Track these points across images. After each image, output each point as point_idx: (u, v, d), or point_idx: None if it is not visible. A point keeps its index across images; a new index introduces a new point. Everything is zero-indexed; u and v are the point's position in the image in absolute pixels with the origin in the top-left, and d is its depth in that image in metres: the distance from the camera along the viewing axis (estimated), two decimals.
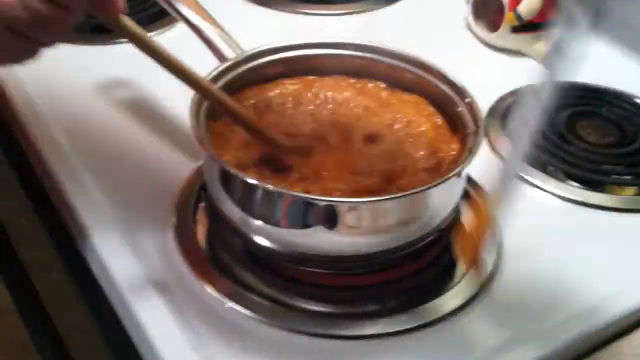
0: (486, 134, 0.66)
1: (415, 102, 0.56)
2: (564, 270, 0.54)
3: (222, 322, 0.49)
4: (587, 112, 0.70)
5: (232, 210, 0.49)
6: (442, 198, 0.49)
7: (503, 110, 0.70)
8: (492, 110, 0.70)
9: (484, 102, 0.71)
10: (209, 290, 0.50)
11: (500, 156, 0.64)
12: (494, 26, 0.81)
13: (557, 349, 0.48)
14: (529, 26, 0.79)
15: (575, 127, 0.68)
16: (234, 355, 0.47)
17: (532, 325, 0.49)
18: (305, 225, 0.46)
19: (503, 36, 0.80)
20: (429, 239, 0.50)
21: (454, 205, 0.51)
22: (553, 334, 0.49)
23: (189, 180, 0.59)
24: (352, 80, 0.59)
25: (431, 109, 0.56)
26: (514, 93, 0.73)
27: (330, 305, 0.50)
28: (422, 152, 0.53)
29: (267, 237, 0.49)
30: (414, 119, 0.55)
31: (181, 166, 0.60)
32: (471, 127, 0.51)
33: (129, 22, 0.45)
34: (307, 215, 0.46)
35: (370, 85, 0.58)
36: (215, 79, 0.53)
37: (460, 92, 0.54)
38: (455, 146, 0.52)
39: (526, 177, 0.62)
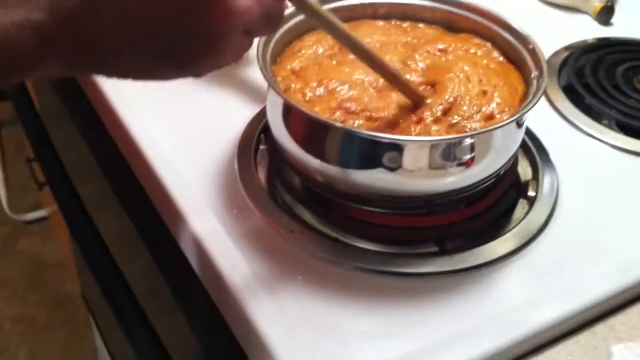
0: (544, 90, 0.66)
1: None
2: (614, 223, 0.54)
3: (285, 258, 0.50)
4: None
5: (293, 148, 0.51)
6: (506, 140, 0.49)
7: (558, 64, 0.70)
8: (547, 65, 0.70)
9: None
10: (273, 227, 0.52)
11: (556, 109, 0.64)
12: None
13: (587, 305, 0.48)
14: None
15: (632, 80, 0.68)
16: (297, 290, 0.48)
17: (567, 281, 0.49)
18: (367, 164, 0.48)
19: None
20: (487, 183, 0.51)
21: (515, 149, 0.51)
22: (584, 290, 0.49)
23: (249, 126, 0.60)
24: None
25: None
26: (568, 48, 0.73)
27: (386, 245, 0.52)
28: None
29: (328, 176, 0.50)
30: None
31: (240, 113, 0.62)
32: (534, 71, 0.51)
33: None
34: (369, 153, 0.47)
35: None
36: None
37: (523, 38, 0.54)
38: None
39: (583, 127, 0.62)
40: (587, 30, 0.78)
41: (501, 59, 0.55)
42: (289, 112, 0.51)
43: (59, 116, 0.84)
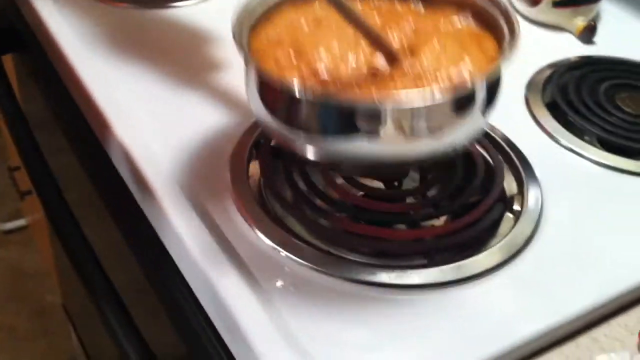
0: (527, 106, 0.68)
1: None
2: (597, 236, 0.55)
3: (278, 269, 0.51)
4: (626, 85, 0.72)
5: (270, 120, 0.52)
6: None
7: (542, 82, 0.72)
8: (531, 83, 0.72)
9: (523, 74, 0.73)
10: (265, 239, 0.52)
11: (540, 125, 0.66)
12: (533, 0, 0.83)
13: (571, 317, 0.49)
14: (569, 1, 0.81)
15: (614, 98, 0.70)
16: (289, 299, 0.49)
17: (551, 293, 0.50)
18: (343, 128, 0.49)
19: (543, 11, 0.82)
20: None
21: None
22: (568, 302, 0.50)
23: (241, 139, 0.61)
24: None
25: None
26: (551, 66, 0.75)
27: (376, 258, 0.53)
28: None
29: (308, 145, 0.51)
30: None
31: (234, 126, 0.63)
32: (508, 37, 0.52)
33: None
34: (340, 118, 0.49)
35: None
36: None
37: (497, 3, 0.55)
38: None
39: (566, 143, 0.63)
40: (570, 48, 0.79)
41: (477, 27, 0.56)
42: (262, 81, 0.52)
43: (47, 124, 0.84)
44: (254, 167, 0.59)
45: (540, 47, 0.80)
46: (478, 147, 0.60)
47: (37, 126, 0.83)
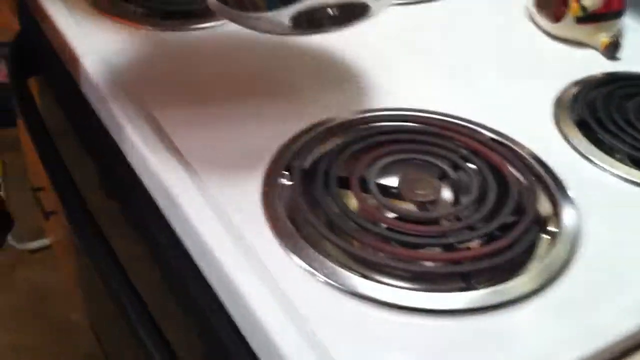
0: (556, 124, 0.68)
1: None
2: (636, 256, 0.55)
3: (311, 291, 0.51)
4: None
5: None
6: None
7: (569, 100, 0.72)
8: (558, 101, 0.72)
9: (549, 92, 0.73)
10: (298, 260, 0.52)
11: (571, 144, 0.66)
12: (556, 16, 0.83)
13: (610, 343, 0.49)
14: (592, 17, 0.81)
15: None
16: (326, 324, 0.49)
17: (591, 318, 0.50)
18: None
19: (566, 27, 0.82)
20: None
21: None
22: (607, 327, 0.49)
23: (274, 159, 0.61)
24: None
25: None
26: (577, 83, 0.75)
27: (411, 282, 0.53)
28: None
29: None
30: None
31: (265, 146, 0.63)
32: None
33: None
34: None
35: None
36: None
37: None
38: None
39: (597, 162, 0.63)
40: (594, 64, 0.79)
41: None
42: None
43: (71, 146, 0.85)
44: (286, 188, 0.59)
45: (565, 63, 0.80)
46: (510, 168, 0.60)
47: (63, 146, 0.84)
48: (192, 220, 0.56)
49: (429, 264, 0.54)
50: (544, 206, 0.58)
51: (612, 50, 0.80)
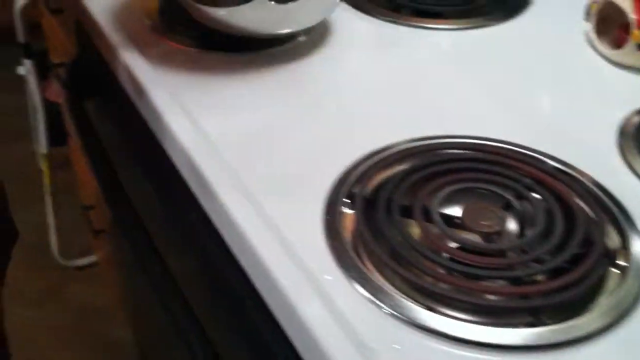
0: (622, 154, 0.67)
1: None
2: None
3: (375, 321, 0.50)
4: None
5: None
6: None
7: (634, 129, 0.70)
8: (622, 130, 0.70)
9: (612, 120, 0.72)
10: (361, 290, 0.52)
11: (638, 175, 0.64)
12: (617, 43, 0.82)
13: None
14: None
15: None
16: (390, 354, 0.48)
17: None
18: None
19: (628, 53, 0.80)
20: None
21: None
22: None
23: (335, 187, 0.61)
24: None
25: None
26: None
27: (477, 315, 0.52)
28: None
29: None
30: None
31: (327, 173, 0.63)
32: None
33: None
34: None
35: None
36: None
37: None
38: None
39: None
40: None
41: None
42: None
43: (126, 164, 0.86)
44: (348, 217, 0.59)
45: (627, 91, 0.79)
46: (577, 200, 0.59)
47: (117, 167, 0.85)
48: (254, 248, 0.56)
49: (494, 297, 0.53)
50: (613, 239, 0.57)
51: None
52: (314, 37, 0.84)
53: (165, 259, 0.72)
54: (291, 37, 0.83)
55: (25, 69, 1.58)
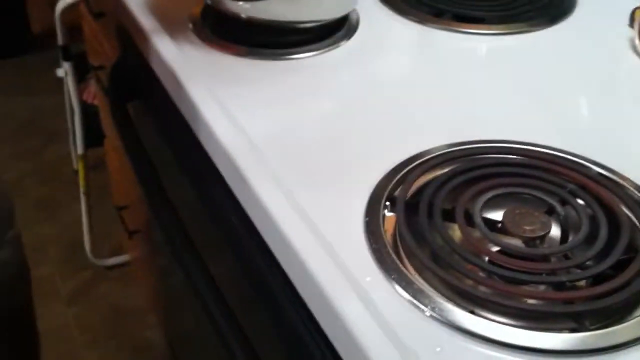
0: None
1: None
2: None
3: (417, 323, 0.50)
4: None
5: None
6: None
7: None
8: None
9: None
10: (402, 292, 0.52)
11: None
12: None
13: None
14: None
15: None
16: (430, 356, 0.48)
17: None
18: None
19: None
20: None
21: None
22: None
23: (375, 191, 0.61)
24: None
25: None
26: None
27: (520, 320, 0.51)
28: None
29: None
30: None
31: (368, 176, 0.63)
32: None
33: None
34: None
35: None
36: None
37: None
38: None
39: None
40: None
41: None
42: None
43: (168, 165, 0.87)
44: (389, 219, 0.59)
45: None
46: (621, 206, 0.59)
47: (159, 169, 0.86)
48: (295, 248, 0.56)
49: (536, 301, 0.52)
50: None
51: None
52: (354, 41, 0.85)
53: (204, 259, 0.73)
54: (332, 40, 0.83)
55: (64, 71, 1.61)
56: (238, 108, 0.72)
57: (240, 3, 0.78)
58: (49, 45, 2.15)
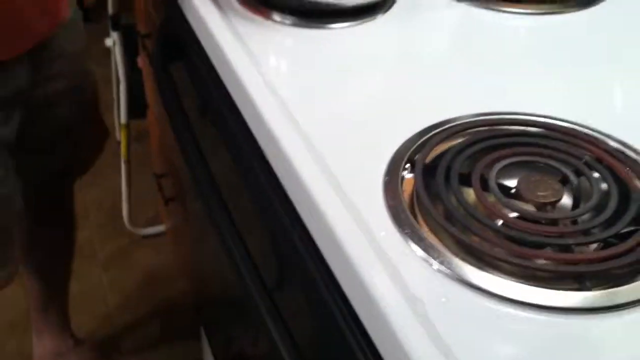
0: None
1: None
2: None
3: (429, 280, 0.53)
4: None
5: None
6: None
7: None
8: None
9: None
10: (417, 249, 0.55)
11: None
12: None
13: None
14: None
15: None
16: (441, 310, 0.51)
17: None
18: None
19: None
20: None
21: None
22: None
23: (396, 154, 0.64)
24: None
25: None
26: None
27: (528, 280, 0.53)
28: None
29: None
30: None
31: (395, 134, 0.66)
32: None
33: None
34: None
35: None
36: None
37: None
38: None
39: None
40: None
41: None
42: None
43: (206, 129, 0.90)
44: (408, 180, 0.61)
45: None
46: (636, 181, 0.60)
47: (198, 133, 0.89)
48: (318, 204, 0.59)
49: (542, 262, 0.54)
50: None
51: None
52: (391, 14, 0.87)
53: (238, 226, 0.76)
54: (371, 14, 0.86)
55: (112, 40, 1.66)
56: (275, 72, 0.75)
57: None
58: (99, 17, 2.21)
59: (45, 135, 1.09)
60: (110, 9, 1.60)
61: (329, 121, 0.69)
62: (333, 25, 0.84)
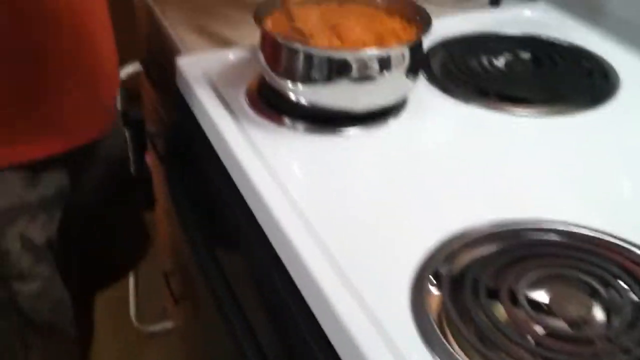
0: None
1: None
2: None
3: None
4: None
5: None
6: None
7: None
8: None
9: None
10: None
11: None
12: None
13: None
14: None
15: None
16: None
17: None
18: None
19: None
20: None
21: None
22: None
23: (422, 266, 0.63)
24: None
25: None
26: None
27: None
28: None
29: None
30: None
31: (416, 246, 0.65)
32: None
33: None
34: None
35: None
36: None
37: None
38: None
39: None
40: None
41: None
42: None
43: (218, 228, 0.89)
44: (434, 296, 0.60)
45: None
46: None
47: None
48: (343, 321, 0.58)
49: None
50: None
51: None
52: (402, 118, 0.88)
53: (252, 324, 0.75)
54: (382, 119, 0.86)
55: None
56: (288, 178, 0.75)
57: (300, 87, 0.84)
58: None
59: (87, 239, 1.07)
60: (119, 106, 1.61)
61: (346, 227, 0.69)
62: (345, 131, 0.84)
